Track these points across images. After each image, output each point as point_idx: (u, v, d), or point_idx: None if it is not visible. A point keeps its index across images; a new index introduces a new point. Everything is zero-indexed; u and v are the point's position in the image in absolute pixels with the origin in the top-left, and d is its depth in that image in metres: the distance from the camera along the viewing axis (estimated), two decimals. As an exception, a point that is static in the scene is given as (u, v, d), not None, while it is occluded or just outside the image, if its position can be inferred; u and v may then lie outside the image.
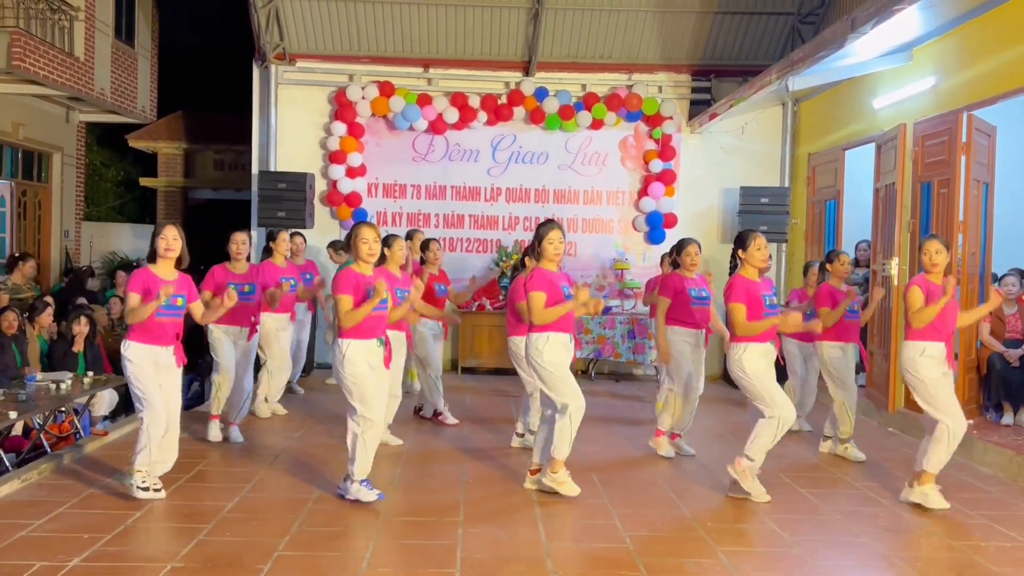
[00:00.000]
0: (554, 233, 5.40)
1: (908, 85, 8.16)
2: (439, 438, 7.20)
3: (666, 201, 11.11)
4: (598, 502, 5.46)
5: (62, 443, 7.12)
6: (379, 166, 11.15)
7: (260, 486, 5.64)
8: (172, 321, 5.25)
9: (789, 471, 6.33)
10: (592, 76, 11.18)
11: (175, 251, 5.22)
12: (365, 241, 5.18)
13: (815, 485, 6.00)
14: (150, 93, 14.74)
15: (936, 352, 5.41)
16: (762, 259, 5.51)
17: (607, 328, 10.53)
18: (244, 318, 6.67)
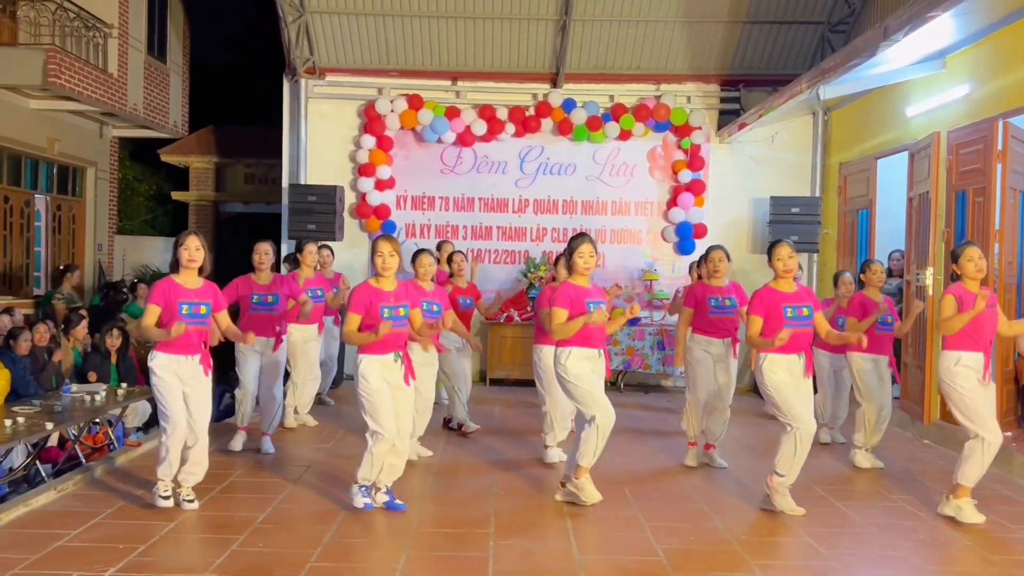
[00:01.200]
0: (585, 247, 5.36)
1: (942, 93, 8.08)
2: (469, 449, 7.20)
3: (695, 211, 11.07)
4: (630, 514, 5.44)
5: (96, 454, 7.22)
6: (408, 178, 11.21)
7: (291, 497, 5.67)
8: (197, 330, 5.24)
9: (823, 483, 6.26)
10: (620, 87, 11.19)
11: (198, 261, 5.21)
12: (380, 255, 5.18)
13: (850, 498, 5.93)
14: (182, 108, 14.97)
15: (972, 362, 5.34)
16: (783, 269, 5.38)
17: (636, 339, 10.49)
18: (269, 328, 6.67)
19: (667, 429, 8.20)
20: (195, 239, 5.25)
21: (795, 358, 5.36)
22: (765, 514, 5.48)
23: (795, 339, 5.30)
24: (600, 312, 5.31)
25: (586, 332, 5.34)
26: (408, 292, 5.38)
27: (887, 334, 6.71)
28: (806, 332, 5.40)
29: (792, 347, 5.34)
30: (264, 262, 6.64)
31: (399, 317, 5.19)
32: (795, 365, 5.37)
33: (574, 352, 5.36)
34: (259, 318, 6.61)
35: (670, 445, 7.41)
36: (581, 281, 5.41)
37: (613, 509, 5.50)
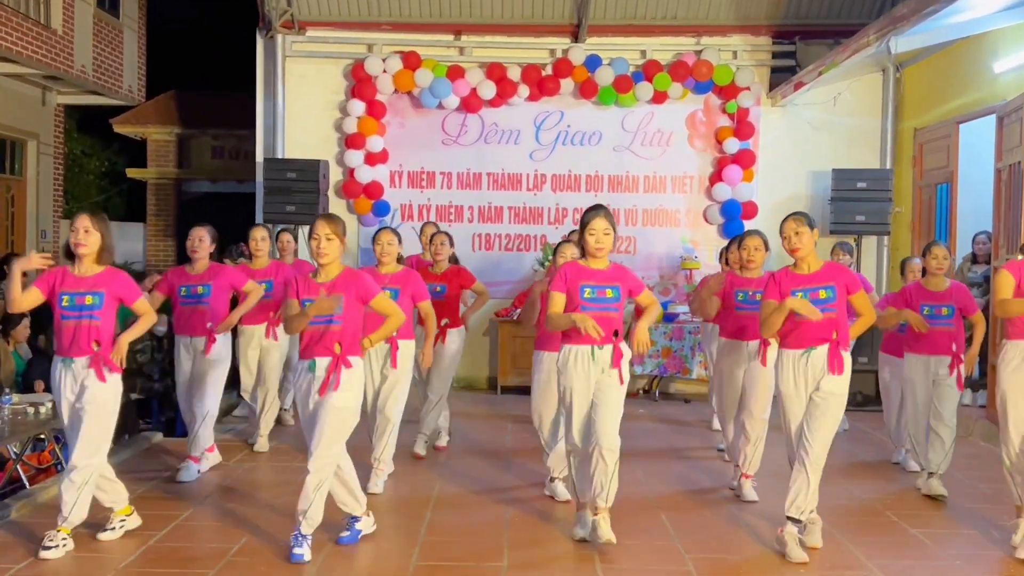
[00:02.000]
0: (598, 222, 5.19)
1: (1036, 44, 8.02)
2: (474, 473, 7.16)
3: (743, 187, 11.03)
4: (668, 544, 5.43)
5: (42, 475, 7.26)
6: (403, 151, 11.22)
7: (248, 548, 5.50)
8: (85, 325, 5.21)
9: (895, 507, 6.24)
10: (653, 40, 11.16)
11: (87, 246, 5.19)
12: (316, 238, 5.11)
13: (926, 524, 5.91)
14: (138, 71, 15.02)
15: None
16: (788, 247, 5.33)
17: (673, 339, 10.48)
18: (198, 326, 6.70)
19: (711, 444, 8.20)
20: (85, 219, 5.21)
21: (798, 355, 5.26)
22: (826, 544, 5.40)
23: (805, 328, 5.21)
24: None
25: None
26: (343, 282, 5.17)
27: (943, 329, 6.52)
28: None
29: (798, 339, 5.25)
30: (197, 249, 6.68)
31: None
32: (798, 365, 5.27)
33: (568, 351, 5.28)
34: (186, 313, 6.70)
35: (714, 464, 7.40)
36: (595, 264, 5.26)
37: (649, 539, 5.50)
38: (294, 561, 4.96)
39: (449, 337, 7.40)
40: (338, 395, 5.01)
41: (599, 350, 5.19)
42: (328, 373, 5.03)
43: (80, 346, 5.18)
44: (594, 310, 5.16)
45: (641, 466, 7.28)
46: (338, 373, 5.03)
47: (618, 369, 5.20)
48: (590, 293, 5.19)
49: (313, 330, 5.07)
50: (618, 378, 5.20)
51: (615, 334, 5.22)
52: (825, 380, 5.18)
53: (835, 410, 5.21)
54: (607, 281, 5.23)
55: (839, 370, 5.17)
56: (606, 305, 5.20)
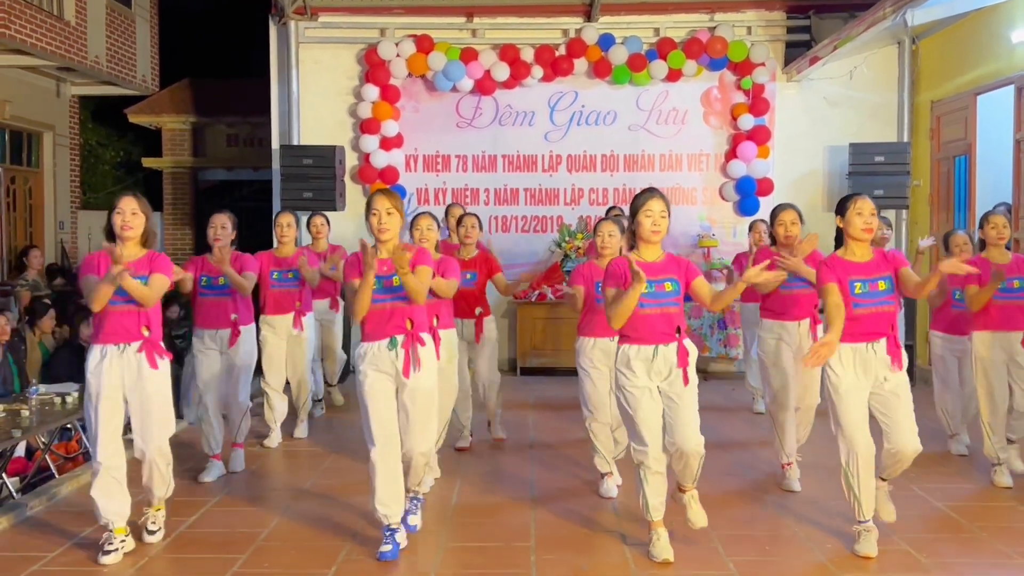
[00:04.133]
0: (654, 203, 4.82)
1: (1054, 13, 7.95)
2: (500, 467, 6.95)
3: (759, 164, 10.99)
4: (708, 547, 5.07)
5: (70, 465, 7.33)
6: (418, 135, 11.22)
7: (276, 534, 5.39)
8: (130, 311, 5.02)
9: (965, 513, 5.67)
10: (667, 18, 11.11)
11: (135, 228, 5.03)
12: (375, 213, 4.94)
13: (1002, 531, 5.31)
14: (151, 60, 15.05)
15: None
16: (863, 225, 4.91)
17: (692, 317, 10.48)
18: (222, 318, 6.53)
19: (735, 427, 8.16)
20: (131, 201, 5.05)
21: (864, 348, 4.89)
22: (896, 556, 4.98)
23: (866, 322, 4.87)
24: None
25: (635, 321, 4.81)
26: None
27: (1017, 303, 6.09)
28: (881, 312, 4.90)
29: (862, 333, 4.88)
30: (220, 237, 6.44)
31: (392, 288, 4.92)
32: (868, 359, 4.89)
33: (621, 349, 4.94)
34: (208, 305, 6.52)
35: (736, 448, 7.37)
36: (647, 253, 4.89)
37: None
38: (411, 531, 5.22)
39: (486, 326, 7.12)
40: (420, 377, 4.92)
41: (664, 348, 4.81)
42: (407, 351, 4.91)
43: (130, 332, 5.01)
44: (652, 307, 4.79)
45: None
46: (415, 351, 4.92)
47: (683, 368, 4.80)
48: (647, 288, 4.72)
49: (380, 309, 4.90)
50: (683, 379, 4.80)
51: (678, 331, 4.86)
52: (889, 374, 4.89)
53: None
54: (664, 274, 4.85)
55: (901, 365, 4.90)
56: (666, 300, 4.82)
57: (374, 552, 4.92)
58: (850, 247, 5.00)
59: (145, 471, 5.12)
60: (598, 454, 6.08)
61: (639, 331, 4.82)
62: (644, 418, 4.80)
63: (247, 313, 6.67)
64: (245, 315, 6.62)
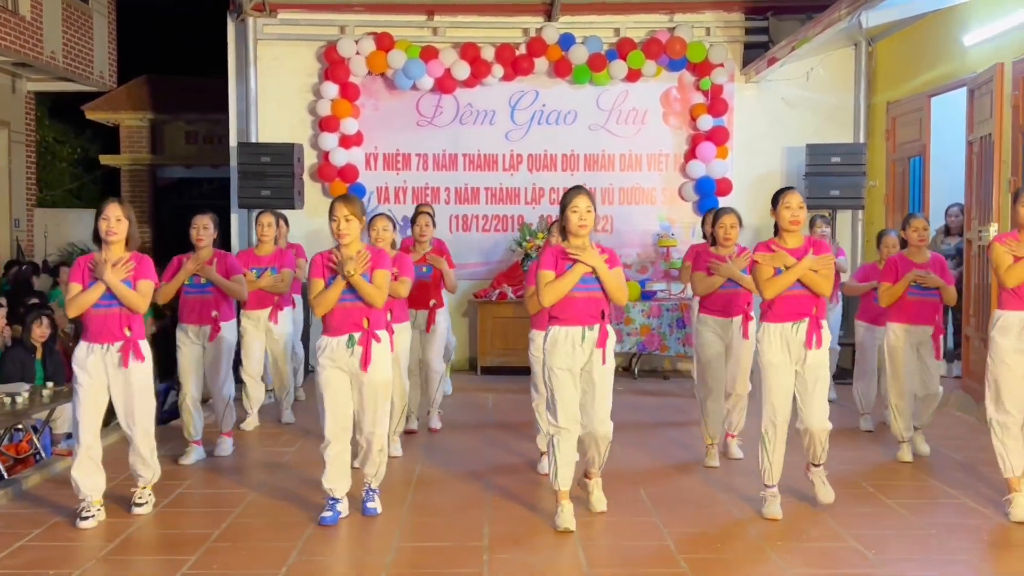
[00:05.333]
0: (580, 200, 5.23)
1: (1006, 16, 8.05)
2: (456, 450, 7.24)
3: (718, 164, 11.05)
4: (647, 520, 5.48)
5: (20, 466, 7.22)
6: (378, 133, 11.17)
7: (250, 510, 5.70)
8: (115, 313, 5.42)
9: (871, 478, 6.33)
10: (626, 18, 11.13)
11: (119, 233, 5.41)
12: (335, 220, 5.36)
13: (903, 494, 5.98)
14: (108, 56, 14.88)
15: (1010, 322, 5.44)
16: (791, 218, 5.41)
17: (651, 317, 10.51)
18: (203, 315, 6.83)
19: (690, 419, 8.24)
20: (116, 208, 5.43)
21: (788, 327, 5.43)
22: (804, 516, 5.53)
23: (790, 302, 5.41)
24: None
25: (565, 304, 5.23)
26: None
27: (928, 300, 6.67)
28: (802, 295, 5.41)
29: (788, 312, 5.42)
30: (203, 237, 6.71)
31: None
32: (789, 337, 5.43)
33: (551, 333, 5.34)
34: (191, 302, 6.82)
35: (694, 439, 7.44)
36: (576, 243, 5.28)
37: (629, 514, 5.56)
38: (368, 515, 5.48)
39: (438, 317, 7.56)
40: (376, 372, 5.35)
41: (589, 331, 5.24)
42: (364, 348, 5.32)
43: (112, 332, 5.40)
44: (581, 291, 5.22)
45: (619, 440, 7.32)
46: (370, 348, 5.32)
47: (602, 349, 5.24)
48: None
49: (340, 307, 5.32)
50: (602, 359, 5.24)
51: (601, 315, 5.28)
52: (808, 353, 5.40)
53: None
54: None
55: (818, 344, 5.39)
56: (592, 285, 5.25)
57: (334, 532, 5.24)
58: (783, 236, 5.53)
59: (132, 457, 5.58)
60: (541, 433, 6.44)
61: (568, 313, 5.24)
62: (563, 397, 5.23)
63: (228, 310, 6.95)
64: (226, 311, 6.92)
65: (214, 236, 6.79)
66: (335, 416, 5.37)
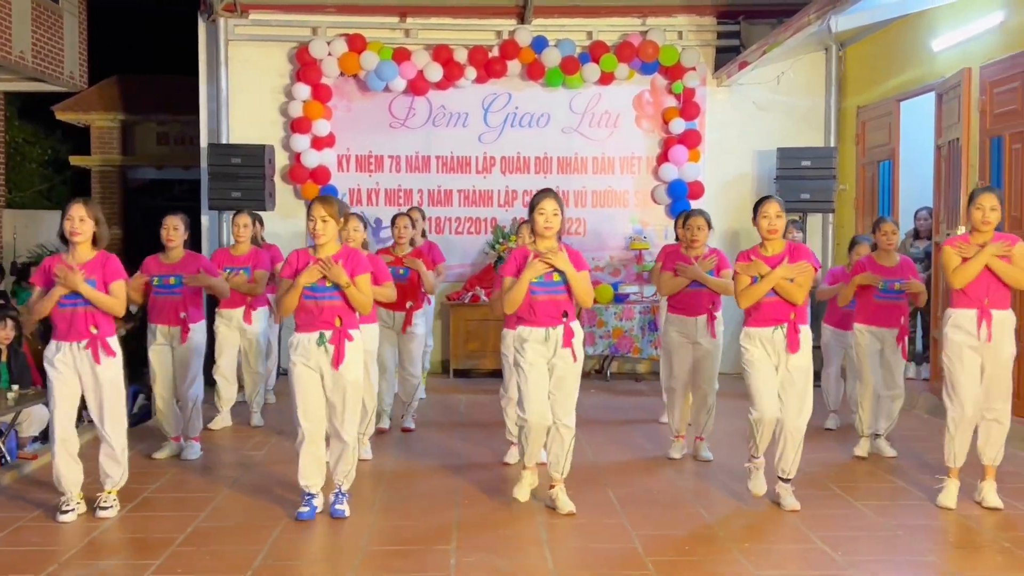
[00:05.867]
0: (547, 203, 5.39)
1: (973, 22, 8.13)
2: (426, 452, 7.22)
3: (690, 167, 11.08)
4: (615, 522, 5.48)
5: (-16, 469, 7.13)
6: (350, 135, 11.13)
7: (217, 512, 5.66)
8: (82, 312, 5.45)
9: (839, 480, 6.37)
10: (599, 22, 11.15)
11: (83, 234, 5.46)
12: (312, 220, 5.38)
13: (870, 496, 6.02)
14: (79, 56, 14.73)
15: (960, 320, 5.62)
16: (768, 227, 5.55)
17: (624, 319, 10.53)
18: (172, 316, 6.84)
19: (658, 422, 8.27)
20: (80, 208, 5.48)
21: (768, 332, 5.55)
22: (770, 517, 5.56)
23: (768, 308, 5.53)
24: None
25: (528, 306, 5.41)
26: (340, 257, 5.50)
27: (894, 303, 6.82)
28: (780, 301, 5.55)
29: (767, 318, 5.55)
30: (172, 238, 6.75)
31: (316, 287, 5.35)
32: (767, 339, 5.56)
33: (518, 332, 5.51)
34: (160, 303, 6.83)
35: (664, 441, 7.47)
36: (543, 246, 5.44)
37: (596, 516, 5.56)
38: (336, 516, 5.45)
39: (415, 320, 7.60)
40: (348, 370, 5.36)
41: (552, 331, 5.42)
42: (335, 346, 5.32)
43: (78, 331, 5.44)
44: (542, 293, 5.40)
45: (589, 441, 7.38)
46: (342, 347, 5.33)
47: (570, 348, 5.41)
48: (538, 278, 5.39)
49: (312, 305, 5.32)
50: (571, 356, 5.42)
51: (564, 315, 5.43)
52: (790, 357, 5.54)
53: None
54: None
55: (796, 348, 5.52)
56: (554, 288, 5.40)
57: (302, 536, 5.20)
58: (763, 244, 5.67)
59: (102, 455, 5.60)
60: (510, 424, 6.66)
61: (532, 315, 5.42)
62: (531, 390, 5.42)
63: (196, 311, 6.94)
64: (195, 313, 6.90)
65: (185, 237, 6.82)
66: (307, 413, 5.41)
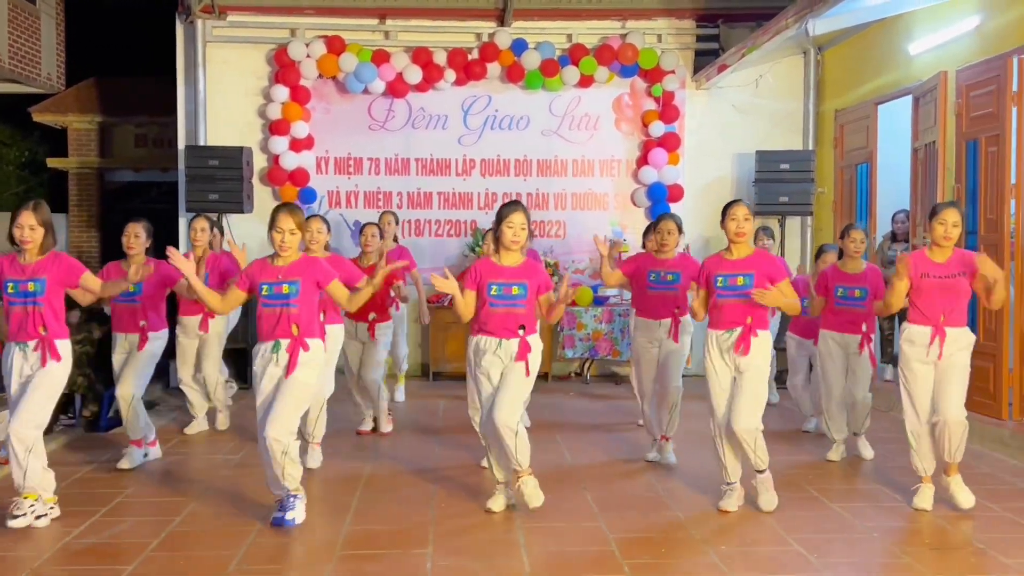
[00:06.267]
0: (515, 216, 5.42)
1: (949, 26, 8.17)
2: (402, 456, 7.18)
3: (669, 170, 11.09)
4: (593, 525, 5.47)
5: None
6: (329, 137, 11.09)
7: (191, 518, 5.62)
8: (30, 311, 5.45)
9: (816, 482, 6.38)
10: (579, 24, 11.15)
11: (32, 242, 5.45)
12: (279, 232, 5.35)
13: (846, 498, 6.03)
14: (56, 57, 14.61)
15: (914, 335, 5.68)
16: (736, 230, 5.57)
17: (602, 322, 10.53)
18: (131, 323, 6.81)
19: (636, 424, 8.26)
20: (29, 216, 5.45)
21: (724, 335, 5.59)
22: (748, 519, 5.57)
23: (726, 310, 5.57)
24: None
25: (485, 317, 5.47)
26: (300, 266, 5.49)
27: (856, 310, 6.84)
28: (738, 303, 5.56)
29: (723, 320, 5.59)
30: (133, 246, 6.66)
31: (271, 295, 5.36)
32: (724, 344, 5.60)
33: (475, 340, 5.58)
34: (121, 311, 6.82)
35: (643, 444, 7.46)
36: (508, 258, 5.49)
37: (574, 519, 5.55)
38: (286, 525, 5.31)
39: (378, 331, 7.55)
40: (300, 371, 5.29)
41: (505, 342, 5.44)
42: (290, 354, 5.27)
43: (27, 331, 5.42)
44: (501, 307, 5.43)
45: (566, 443, 7.38)
46: (296, 355, 5.27)
47: (524, 362, 5.43)
48: (496, 291, 5.42)
49: (270, 313, 5.30)
50: (524, 370, 5.44)
51: (521, 328, 5.45)
52: (739, 360, 5.58)
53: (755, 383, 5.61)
54: (515, 278, 5.46)
55: (745, 351, 5.53)
56: (512, 302, 5.44)
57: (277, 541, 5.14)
58: (730, 247, 5.68)
59: (6, 450, 5.49)
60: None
61: (489, 326, 5.47)
62: (485, 398, 5.53)
63: (157, 319, 6.89)
64: (155, 321, 6.86)
65: (147, 244, 6.70)
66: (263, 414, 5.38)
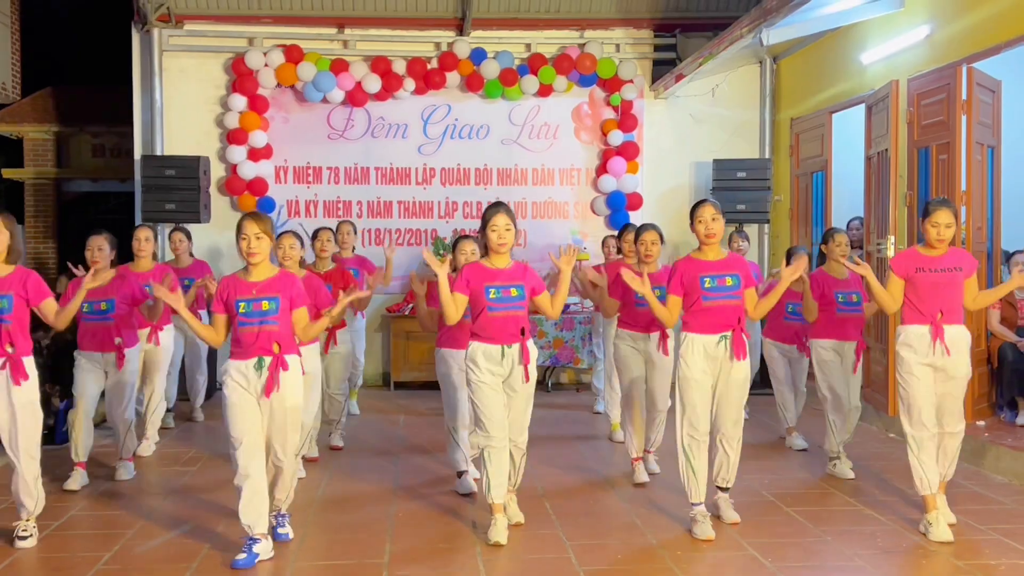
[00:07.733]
0: (499, 218, 5.25)
1: (900, 35, 8.28)
2: (363, 469, 7.13)
3: (629, 179, 11.15)
4: (550, 533, 5.47)
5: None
6: (288, 146, 11.03)
7: (143, 533, 5.55)
8: None
9: (772, 487, 6.42)
10: (538, 34, 11.18)
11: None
12: (245, 238, 5.04)
13: (802, 502, 6.07)
14: (12, 67, 14.45)
15: (912, 338, 5.42)
16: (706, 231, 5.39)
17: (564, 330, 10.54)
18: (106, 342, 6.52)
19: (601, 433, 8.28)
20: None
21: (711, 340, 5.37)
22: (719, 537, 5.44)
23: (715, 314, 5.37)
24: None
25: (484, 323, 5.28)
26: (279, 283, 5.16)
27: (852, 316, 6.72)
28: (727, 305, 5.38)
29: (711, 325, 5.37)
30: (98, 259, 6.35)
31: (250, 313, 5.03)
32: (711, 349, 5.38)
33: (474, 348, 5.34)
34: (91, 329, 6.50)
35: (603, 452, 7.48)
36: (498, 261, 5.32)
37: (532, 528, 5.53)
38: (280, 540, 5.24)
39: (339, 338, 7.36)
40: (288, 396, 5.03)
41: (508, 349, 5.27)
42: (270, 372, 4.97)
43: None
44: (500, 310, 5.26)
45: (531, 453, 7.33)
46: (276, 374, 4.98)
47: (524, 366, 5.27)
48: (495, 294, 5.25)
49: (247, 332, 4.98)
50: (523, 376, 5.28)
51: (522, 332, 5.31)
52: (733, 365, 5.39)
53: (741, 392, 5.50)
54: (511, 280, 5.31)
55: (744, 356, 5.38)
56: (512, 304, 5.28)
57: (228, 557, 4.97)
58: (702, 249, 5.51)
59: (15, 483, 5.28)
60: (458, 452, 6.33)
61: (488, 332, 5.27)
62: (487, 408, 5.25)
63: (131, 335, 6.67)
64: (129, 337, 6.63)
65: (111, 257, 6.47)
66: (245, 442, 4.95)
